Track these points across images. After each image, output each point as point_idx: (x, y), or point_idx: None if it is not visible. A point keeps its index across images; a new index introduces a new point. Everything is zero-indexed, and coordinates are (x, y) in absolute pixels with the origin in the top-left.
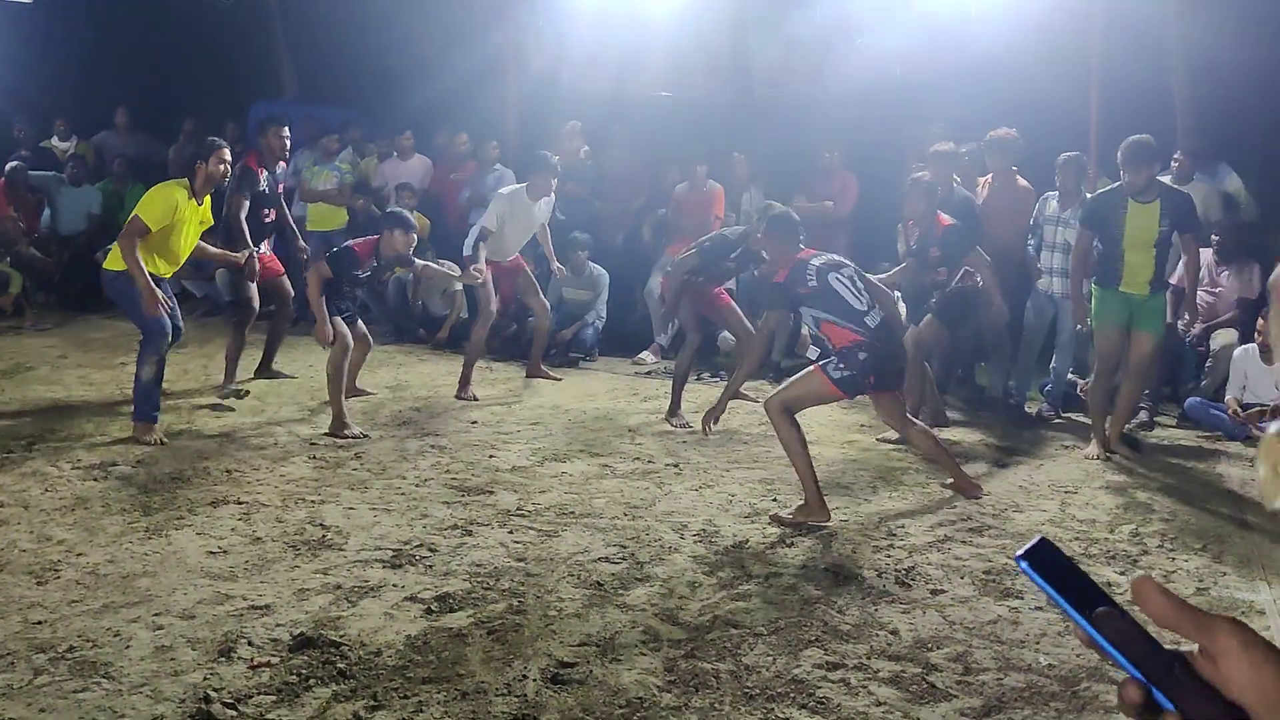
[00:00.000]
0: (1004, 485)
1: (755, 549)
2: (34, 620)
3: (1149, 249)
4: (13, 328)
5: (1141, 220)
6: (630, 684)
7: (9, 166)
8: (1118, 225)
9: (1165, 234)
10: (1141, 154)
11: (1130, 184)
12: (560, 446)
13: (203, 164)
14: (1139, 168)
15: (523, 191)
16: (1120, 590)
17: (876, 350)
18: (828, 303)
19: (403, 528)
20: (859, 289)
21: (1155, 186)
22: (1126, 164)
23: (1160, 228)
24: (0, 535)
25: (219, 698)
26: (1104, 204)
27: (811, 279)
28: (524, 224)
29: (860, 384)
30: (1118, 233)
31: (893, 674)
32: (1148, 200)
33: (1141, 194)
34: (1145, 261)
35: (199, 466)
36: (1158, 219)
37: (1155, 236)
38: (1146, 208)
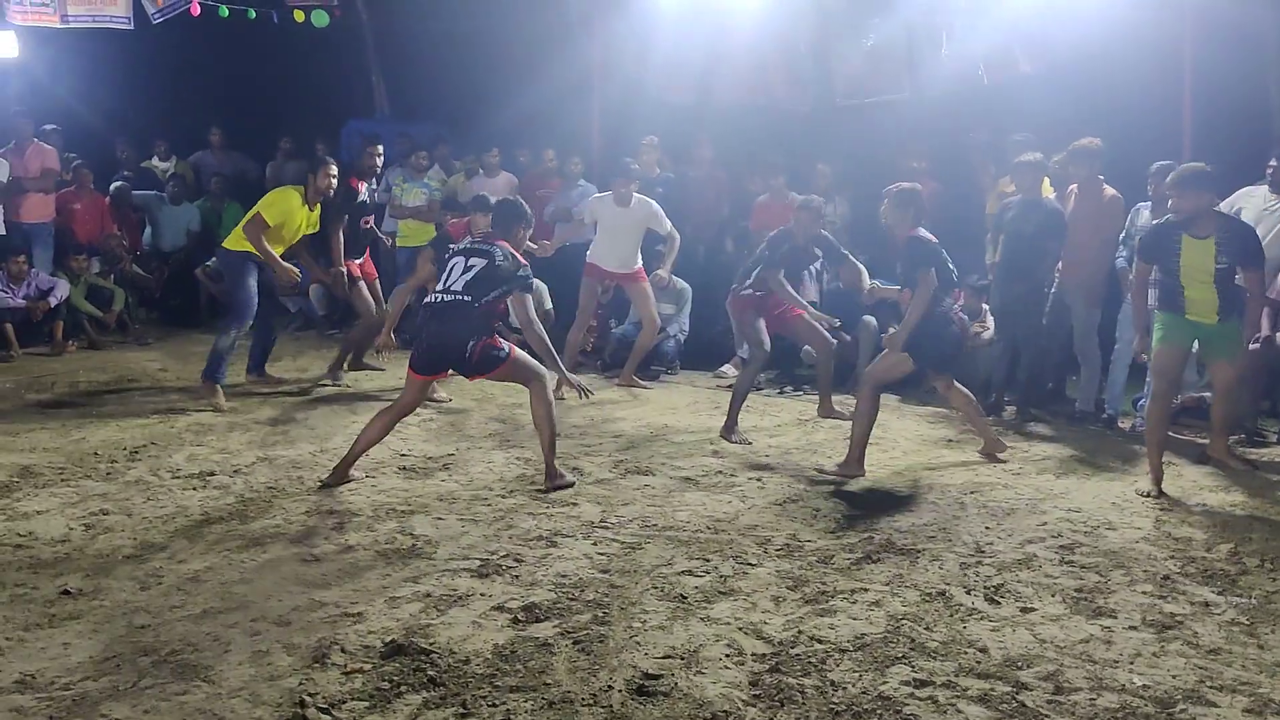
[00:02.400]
0: (1097, 502)
1: (840, 565)
2: (138, 624)
3: (1209, 285)
4: (117, 342)
5: (1197, 257)
6: (715, 697)
7: (114, 187)
8: (1174, 259)
9: (1225, 270)
10: (1188, 181)
11: (1175, 209)
12: (643, 459)
13: (313, 176)
14: (1185, 196)
15: (609, 198)
16: (1219, 611)
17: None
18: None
19: (490, 538)
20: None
21: (1212, 220)
22: (1172, 190)
23: (1218, 265)
24: (105, 542)
25: (314, 702)
26: (1159, 236)
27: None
28: (615, 229)
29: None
30: (1174, 266)
31: (981, 692)
32: (1202, 235)
33: (1194, 227)
34: (1207, 296)
35: (293, 476)
36: (1214, 256)
37: (1213, 274)
38: (1201, 243)
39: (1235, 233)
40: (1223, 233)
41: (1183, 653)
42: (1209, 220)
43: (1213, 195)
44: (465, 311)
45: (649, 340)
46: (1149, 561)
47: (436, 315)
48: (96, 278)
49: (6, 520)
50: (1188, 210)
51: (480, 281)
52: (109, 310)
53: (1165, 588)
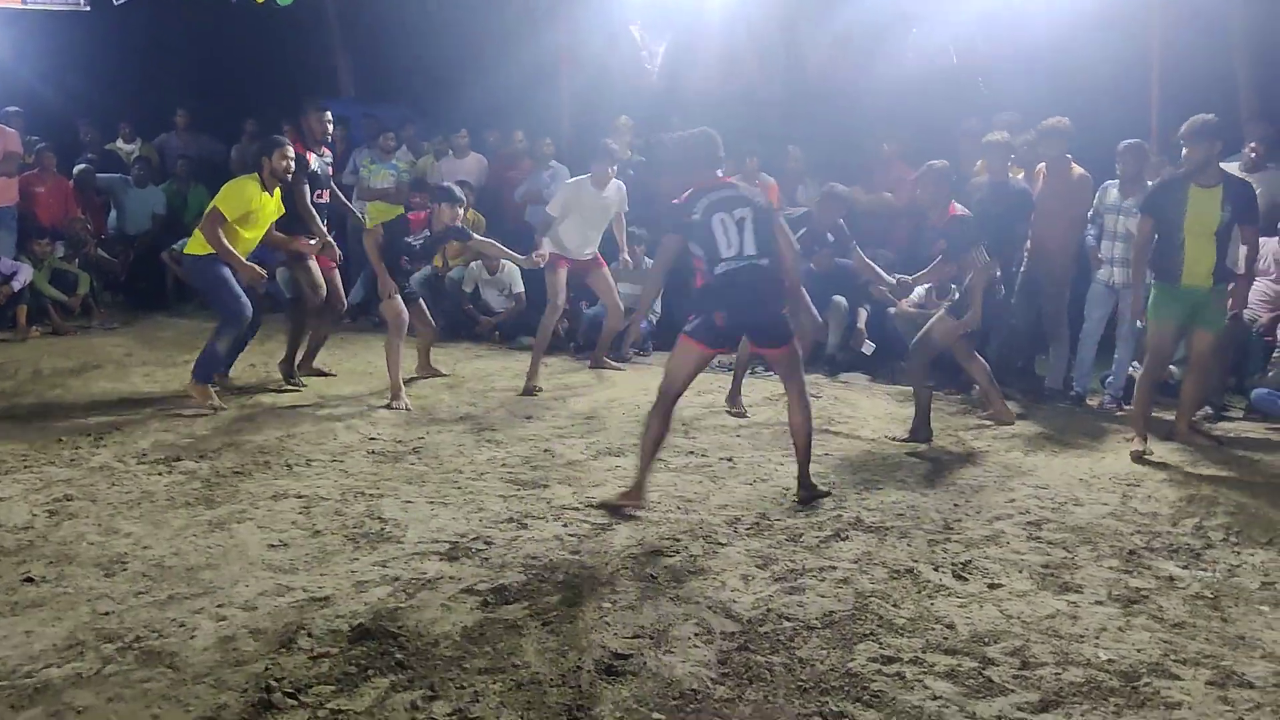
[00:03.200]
0: (1063, 478)
1: (809, 543)
2: (102, 611)
3: (1209, 237)
4: (81, 327)
5: (1203, 206)
6: (684, 676)
7: (77, 169)
8: (1178, 211)
9: (1227, 223)
10: (1202, 130)
11: (1188, 158)
12: (614, 440)
13: (267, 159)
14: (1198, 143)
15: (586, 181)
16: (1183, 585)
17: (712, 295)
18: (701, 239)
19: (459, 521)
20: (736, 234)
21: (1218, 172)
22: (1186, 139)
23: (1222, 214)
24: (69, 528)
25: (280, 687)
26: (1165, 189)
27: (696, 213)
28: (591, 214)
29: (710, 330)
30: (1178, 219)
31: (949, 668)
32: (1210, 184)
33: (1202, 176)
34: (1206, 250)
35: (260, 461)
36: (1219, 204)
37: (1217, 224)
38: (1209, 192)
39: (1238, 185)
40: (1228, 185)
41: (1148, 627)
42: (1216, 170)
43: (1220, 142)
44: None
45: (616, 324)
46: (1115, 537)
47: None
48: (60, 262)
49: None
50: (1199, 159)
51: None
52: (73, 295)
53: (1131, 563)
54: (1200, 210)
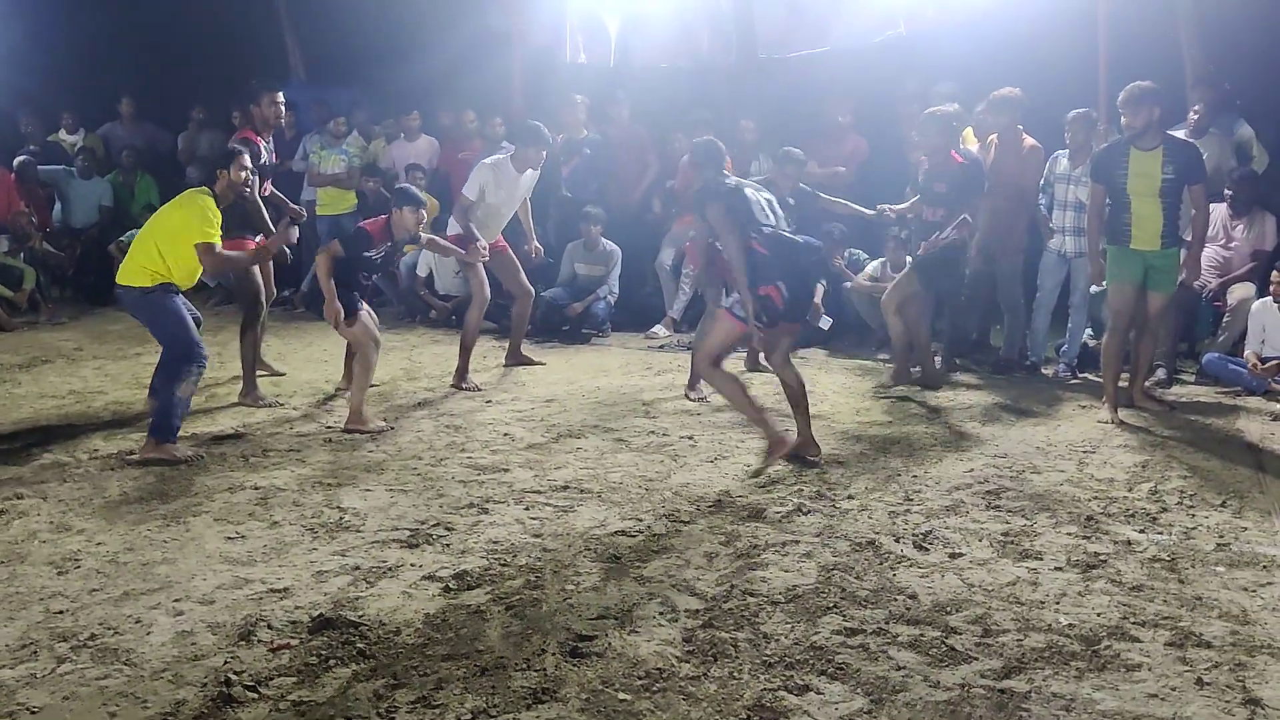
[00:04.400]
0: (1021, 447)
1: (772, 518)
2: (55, 610)
3: (1155, 198)
4: (28, 322)
5: (1144, 167)
6: (649, 655)
7: (18, 161)
8: (1121, 174)
9: (1171, 183)
10: (1137, 97)
11: (1128, 126)
12: (575, 423)
13: (224, 171)
14: (1137, 110)
15: (507, 161)
16: (1141, 549)
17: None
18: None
19: (419, 508)
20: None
21: (1159, 135)
22: (1124, 107)
23: (1164, 175)
24: (20, 526)
25: (240, 681)
26: (1108, 154)
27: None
28: (508, 195)
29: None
30: (1122, 182)
31: (912, 638)
32: (1150, 147)
33: (1143, 140)
34: (1153, 212)
35: (215, 453)
36: (1160, 165)
37: (1159, 184)
38: (1149, 154)
39: (1180, 146)
40: (1169, 143)
41: (1107, 591)
42: (1156, 133)
43: (1159, 108)
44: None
45: (526, 309)
46: (1073, 503)
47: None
48: (5, 257)
49: None
50: (1139, 125)
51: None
52: (19, 290)
53: (1089, 528)
54: (1141, 172)
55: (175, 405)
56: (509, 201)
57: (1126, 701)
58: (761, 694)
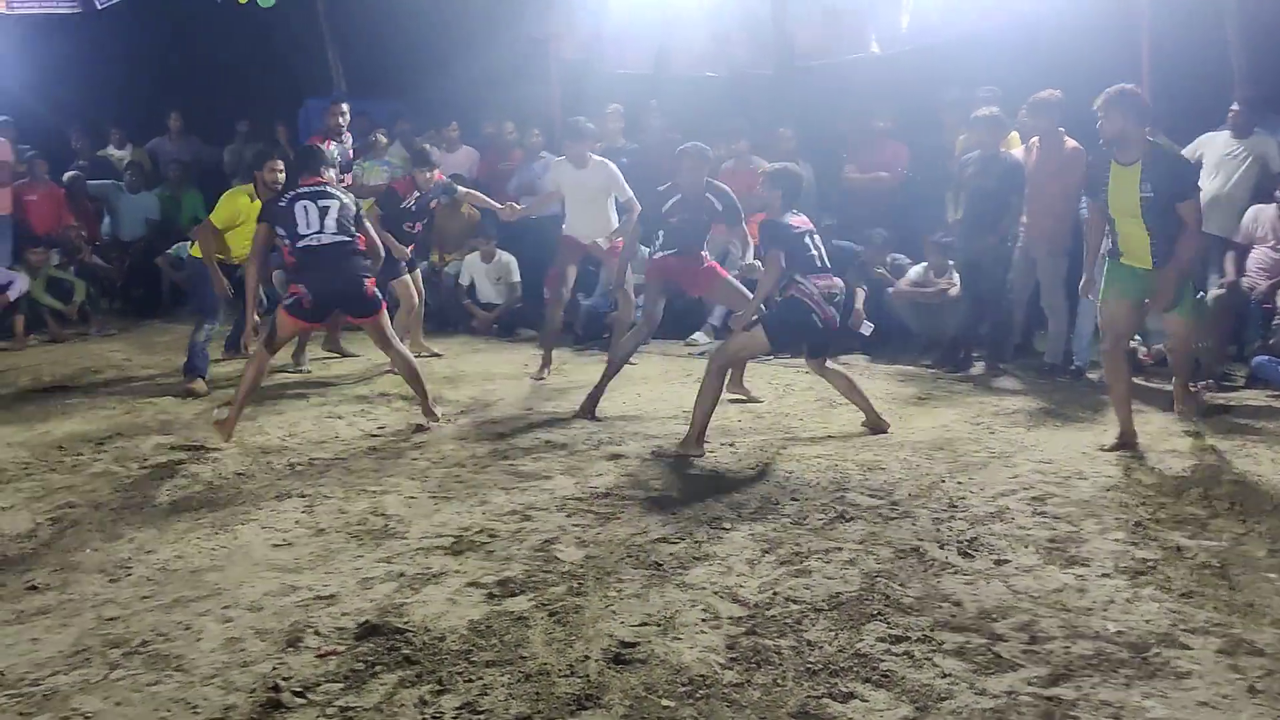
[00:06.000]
0: (1067, 452)
1: (814, 525)
2: (108, 616)
3: (1136, 218)
4: (79, 334)
5: (1122, 184)
6: (692, 662)
7: (68, 176)
8: (1103, 191)
9: (1150, 201)
10: (1114, 101)
11: (1101, 132)
12: (615, 430)
13: (259, 173)
14: (1111, 116)
15: (564, 161)
16: (1190, 555)
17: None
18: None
19: (463, 515)
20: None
21: (1139, 147)
22: (1099, 110)
23: (1142, 193)
24: (73, 535)
25: (288, 686)
26: (1095, 166)
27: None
28: (577, 194)
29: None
30: (1103, 199)
31: (957, 645)
32: (1128, 162)
33: (1120, 153)
34: (1136, 233)
35: (262, 462)
36: (1138, 183)
37: (1138, 203)
38: (1127, 170)
39: (1162, 159)
40: (1149, 158)
41: (1156, 598)
42: (1135, 146)
43: (1140, 120)
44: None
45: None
46: (1120, 509)
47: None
48: (56, 270)
49: None
50: (1112, 132)
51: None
52: (70, 302)
53: (1137, 534)
54: (1119, 188)
55: (198, 347)
56: (581, 200)
57: (1177, 710)
58: (805, 701)
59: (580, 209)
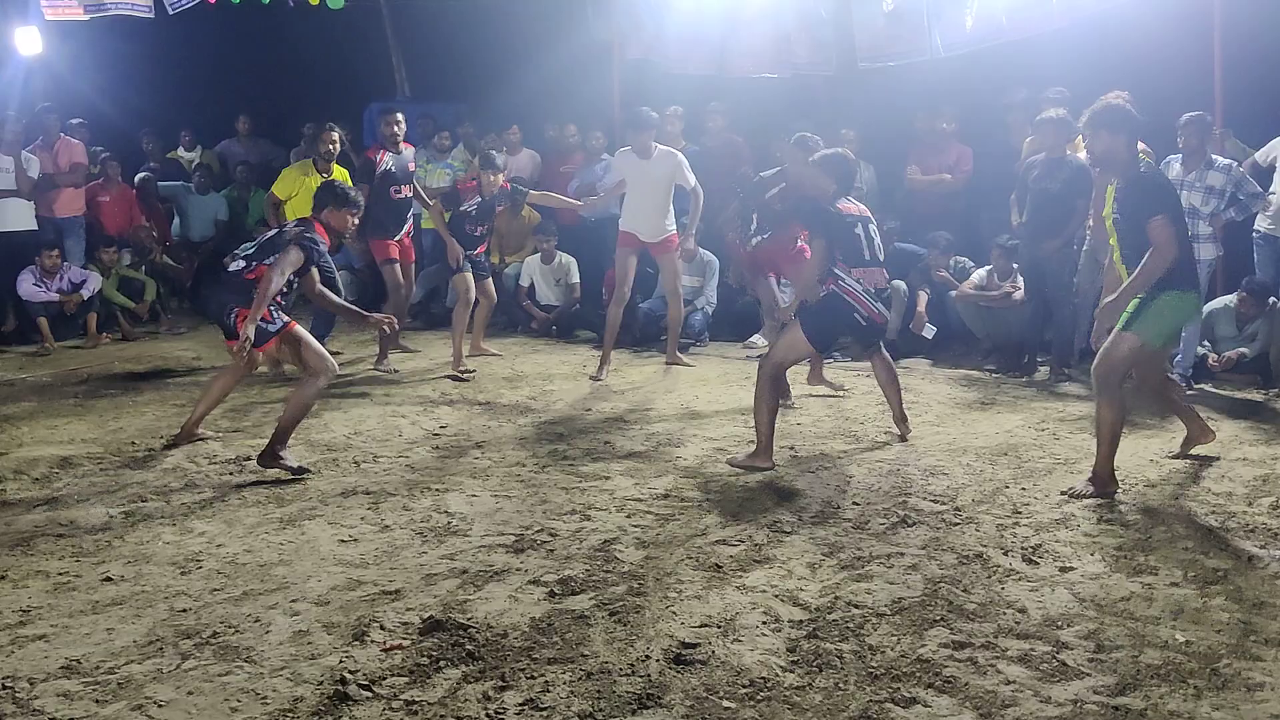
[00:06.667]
0: (1135, 460)
1: (875, 529)
2: (179, 609)
3: (1113, 243)
4: (149, 332)
5: (1108, 204)
6: (753, 664)
7: (139, 178)
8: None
9: (1119, 223)
10: (1098, 120)
11: (1089, 151)
12: (674, 432)
13: (317, 143)
14: (1096, 136)
15: (629, 152)
16: (1262, 565)
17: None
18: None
19: (524, 513)
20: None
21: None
22: (1084, 129)
23: (1115, 215)
24: (145, 529)
25: (354, 680)
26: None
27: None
28: (640, 185)
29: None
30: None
31: (1022, 652)
32: (1111, 183)
33: (1109, 173)
34: (1116, 258)
35: (329, 459)
36: (1112, 200)
37: (1111, 219)
38: (1110, 190)
39: (1135, 180)
40: (1124, 179)
41: (1225, 607)
42: (1119, 165)
43: (1130, 135)
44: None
45: (679, 313)
46: (1189, 517)
47: None
48: (128, 269)
49: (48, 510)
50: (1100, 151)
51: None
52: (141, 301)
53: (1207, 543)
54: (1107, 208)
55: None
56: (646, 191)
57: None
58: (868, 706)
59: (642, 200)
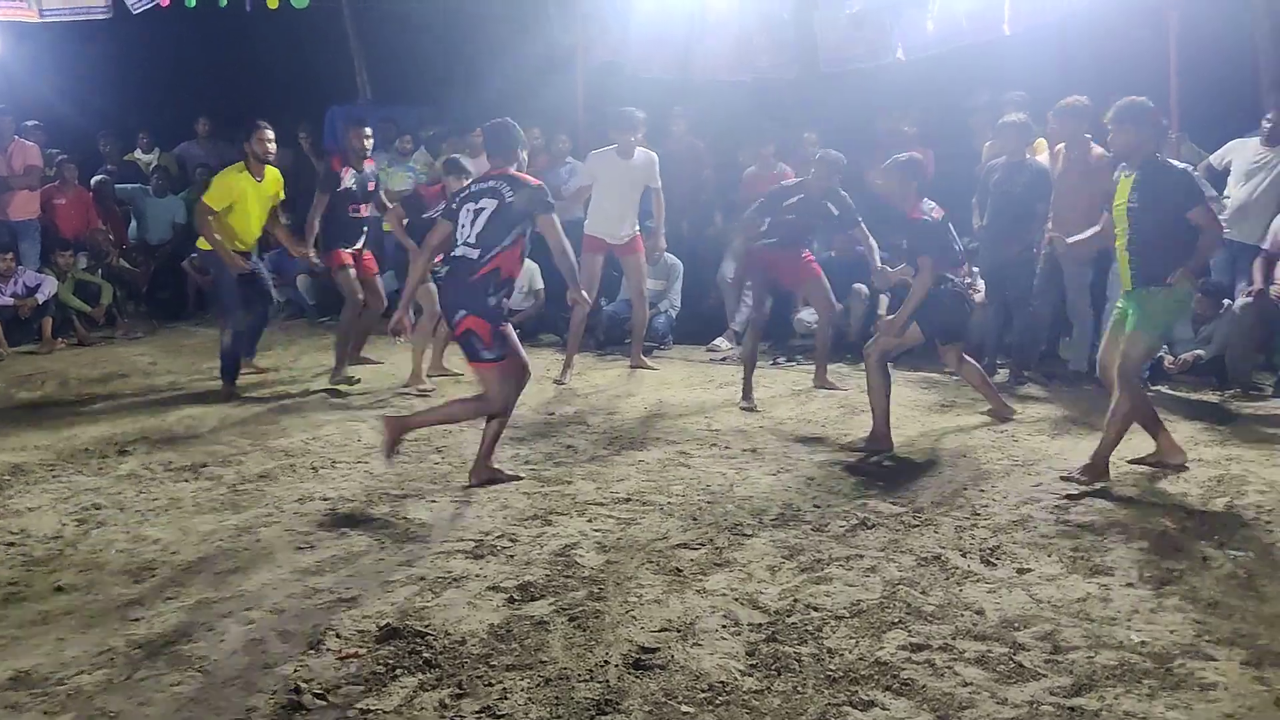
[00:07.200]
0: None
1: (835, 532)
2: (132, 618)
3: (1121, 232)
4: (105, 337)
5: (1122, 193)
6: (712, 668)
7: (96, 180)
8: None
9: (1135, 210)
10: (1124, 115)
11: (1112, 145)
12: (636, 435)
13: (247, 144)
14: (1122, 130)
15: (611, 152)
16: (1216, 565)
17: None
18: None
19: (484, 519)
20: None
21: (1142, 160)
22: (1111, 124)
23: (1130, 203)
24: (98, 536)
25: (309, 689)
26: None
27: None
28: (617, 185)
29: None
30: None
31: (979, 654)
32: (1129, 172)
33: (1128, 164)
34: (1121, 246)
35: (285, 465)
36: (1129, 191)
37: (1126, 210)
38: (1126, 180)
39: (1155, 171)
40: (1145, 168)
41: (1180, 608)
42: (1140, 157)
43: (1154, 133)
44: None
45: (643, 316)
46: (1145, 518)
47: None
48: (83, 273)
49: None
50: (1124, 146)
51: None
52: (97, 305)
53: (1162, 544)
54: (1120, 197)
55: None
56: (623, 192)
57: None
58: (826, 709)
59: (616, 201)
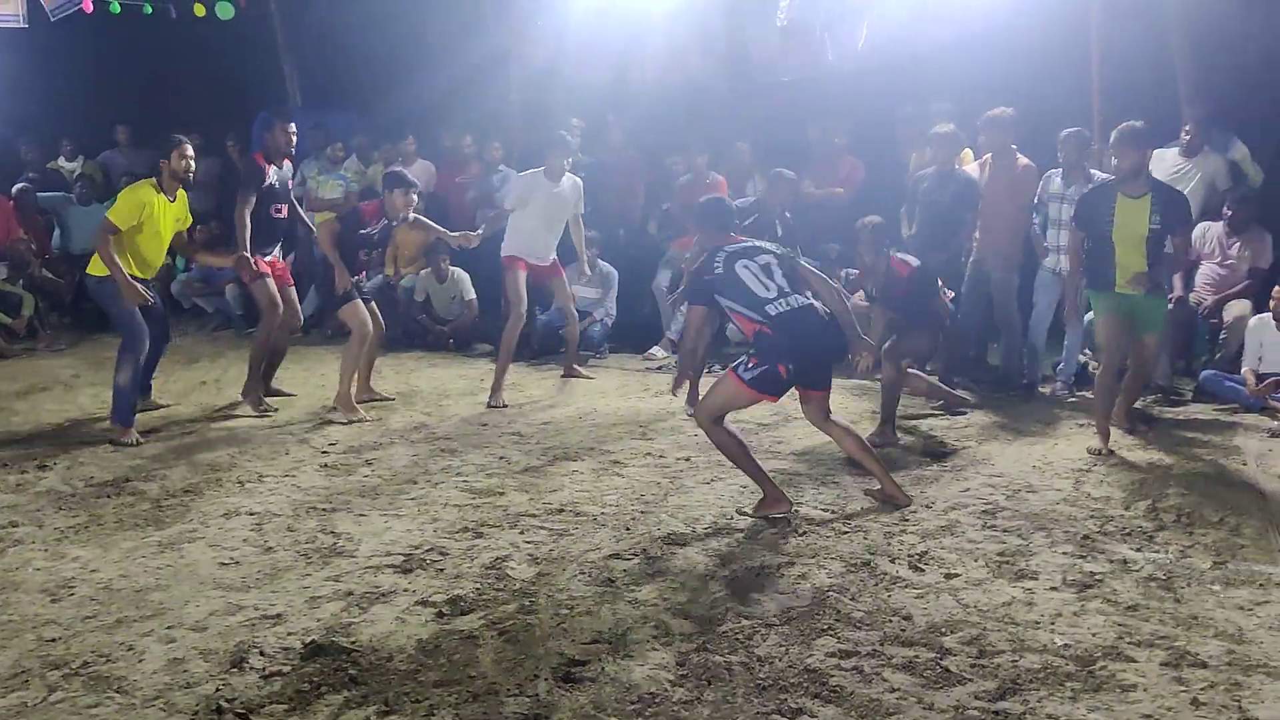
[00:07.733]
0: (1017, 466)
1: (767, 540)
2: (48, 638)
3: (1139, 246)
4: (27, 349)
5: (1131, 215)
6: (642, 680)
7: (17, 189)
8: (1107, 222)
9: (1157, 232)
10: (1128, 138)
11: (1118, 168)
12: (571, 445)
13: (165, 161)
14: (1126, 153)
15: (541, 174)
16: (1137, 568)
17: (776, 340)
18: (734, 291)
19: (414, 532)
20: (769, 276)
21: (1147, 181)
22: (1115, 148)
23: (1151, 225)
24: (15, 555)
25: (232, 708)
26: (1094, 198)
27: (718, 266)
28: (547, 209)
29: (773, 379)
30: (1107, 229)
31: (906, 660)
32: (1137, 195)
33: (1129, 186)
34: (1136, 260)
35: (211, 479)
36: (1148, 215)
37: (1145, 233)
38: (1136, 202)
39: (1170, 195)
40: (1158, 193)
41: (1102, 610)
42: (1145, 179)
43: (1148, 151)
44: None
45: (575, 327)
46: (1069, 522)
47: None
48: (4, 283)
49: None
50: (1128, 167)
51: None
52: (18, 316)
53: (1085, 547)
54: (1127, 219)
55: (121, 390)
56: (550, 215)
57: None
58: (755, 718)
59: (541, 224)
